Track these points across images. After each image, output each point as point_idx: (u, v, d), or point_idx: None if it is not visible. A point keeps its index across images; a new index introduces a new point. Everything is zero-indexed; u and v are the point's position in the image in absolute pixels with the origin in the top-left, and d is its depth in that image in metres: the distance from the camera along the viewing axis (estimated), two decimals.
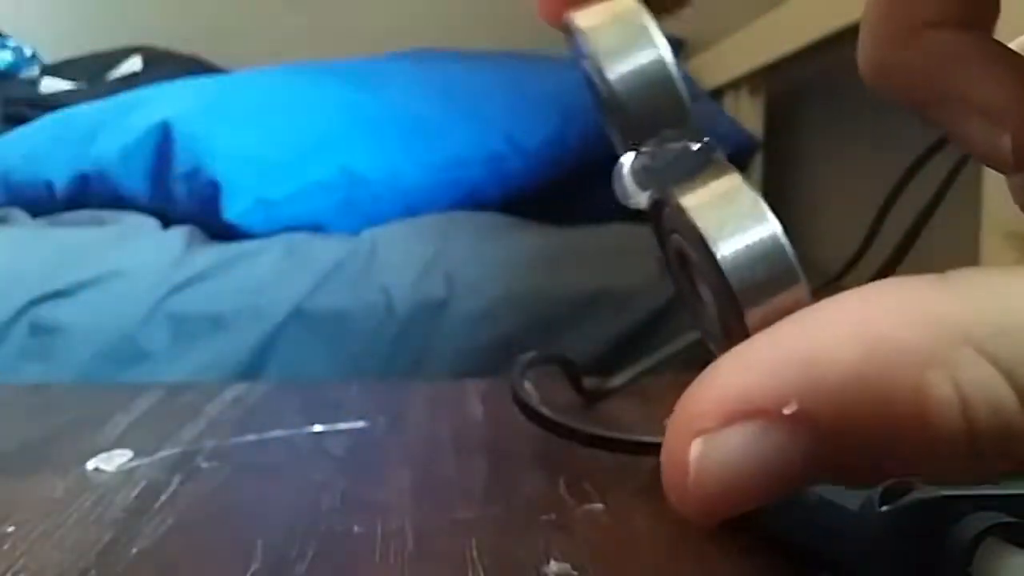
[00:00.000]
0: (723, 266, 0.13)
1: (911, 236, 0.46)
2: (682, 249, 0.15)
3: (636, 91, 0.15)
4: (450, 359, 0.84)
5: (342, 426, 0.40)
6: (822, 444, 0.13)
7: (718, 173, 0.14)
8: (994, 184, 0.55)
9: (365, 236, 0.99)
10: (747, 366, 0.13)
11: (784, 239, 0.13)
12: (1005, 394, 0.12)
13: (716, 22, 1.27)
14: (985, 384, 0.12)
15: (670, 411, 0.14)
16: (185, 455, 0.36)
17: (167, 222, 1.03)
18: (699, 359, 0.15)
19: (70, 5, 1.74)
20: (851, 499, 0.21)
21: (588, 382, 0.43)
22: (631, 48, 0.15)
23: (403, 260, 0.92)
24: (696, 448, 0.13)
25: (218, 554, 0.28)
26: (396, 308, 0.86)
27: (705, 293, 0.15)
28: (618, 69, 0.15)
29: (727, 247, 0.13)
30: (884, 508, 0.19)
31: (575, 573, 0.26)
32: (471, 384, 0.47)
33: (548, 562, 0.26)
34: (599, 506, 0.30)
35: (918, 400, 0.12)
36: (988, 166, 0.19)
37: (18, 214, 1.09)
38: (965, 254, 0.61)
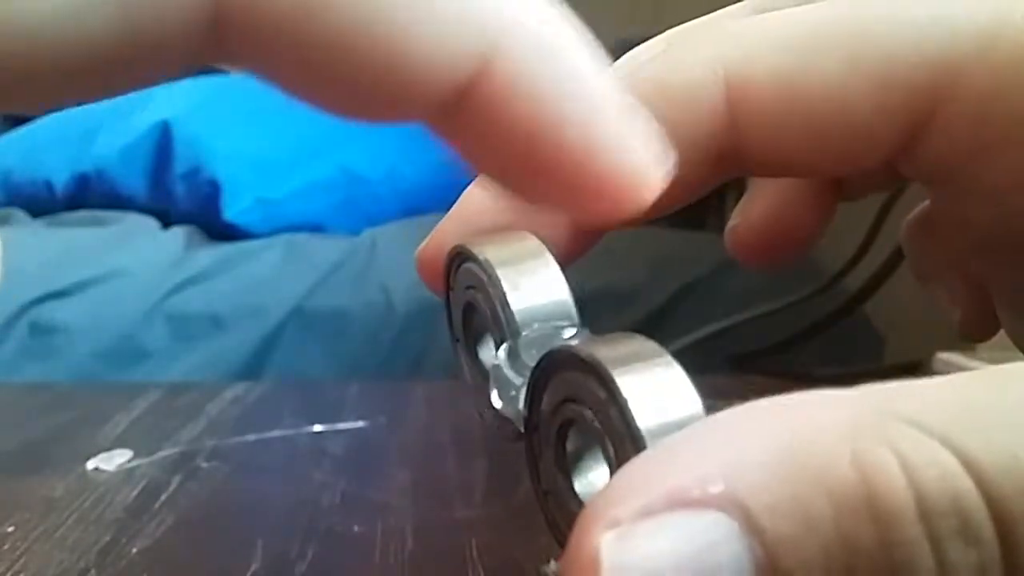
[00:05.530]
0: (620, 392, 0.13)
1: None
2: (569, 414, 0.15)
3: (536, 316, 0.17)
4: (450, 359, 0.84)
5: (342, 426, 0.40)
6: (759, 534, 0.11)
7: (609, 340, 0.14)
8: None
9: (365, 236, 0.99)
10: (660, 460, 0.11)
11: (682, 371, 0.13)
12: (949, 461, 0.11)
13: None
14: (926, 452, 0.11)
15: None
16: (185, 455, 0.36)
17: (167, 222, 1.03)
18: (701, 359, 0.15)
19: None
20: None
21: None
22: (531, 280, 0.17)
23: (403, 260, 0.91)
24: (607, 544, 0.11)
25: (218, 554, 0.28)
26: (396, 308, 0.86)
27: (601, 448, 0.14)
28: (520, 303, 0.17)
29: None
30: None
31: None
32: None
33: (548, 562, 0.26)
34: None
35: (859, 470, 0.11)
36: None
37: (18, 214, 1.09)
38: None
